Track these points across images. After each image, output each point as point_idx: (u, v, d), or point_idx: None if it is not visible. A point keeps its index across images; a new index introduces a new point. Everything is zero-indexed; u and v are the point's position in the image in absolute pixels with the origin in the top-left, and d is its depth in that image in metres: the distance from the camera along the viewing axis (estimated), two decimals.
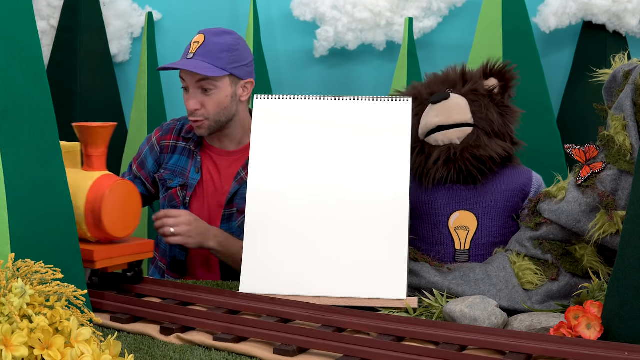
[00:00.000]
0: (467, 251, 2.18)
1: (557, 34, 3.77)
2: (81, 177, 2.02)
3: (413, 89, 2.32)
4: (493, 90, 2.25)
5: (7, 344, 1.35)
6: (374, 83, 3.91)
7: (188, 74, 2.53)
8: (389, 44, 3.86)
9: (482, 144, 2.17)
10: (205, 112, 2.54)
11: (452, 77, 2.29)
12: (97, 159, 2.04)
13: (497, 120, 2.21)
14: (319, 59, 3.93)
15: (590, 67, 2.39)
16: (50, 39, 3.88)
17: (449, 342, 1.69)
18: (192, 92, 2.54)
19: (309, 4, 3.82)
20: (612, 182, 1.96)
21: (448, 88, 2.25)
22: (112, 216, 1.99)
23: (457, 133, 2.18)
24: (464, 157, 2.16)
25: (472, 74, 2.28)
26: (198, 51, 2.51)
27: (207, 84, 2.52)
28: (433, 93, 2.25)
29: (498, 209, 2.19)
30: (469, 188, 2.19)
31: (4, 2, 1.65)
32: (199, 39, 2.54)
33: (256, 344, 1.72)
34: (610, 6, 3.52)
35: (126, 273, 2.08)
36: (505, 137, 2.23)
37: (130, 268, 2.08)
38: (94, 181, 2.00)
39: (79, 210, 1.98)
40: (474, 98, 2.22)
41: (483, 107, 2.20)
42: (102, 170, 2.04)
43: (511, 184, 2.21)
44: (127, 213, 2.04)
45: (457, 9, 3.83)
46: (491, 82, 2.26)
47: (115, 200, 2.00)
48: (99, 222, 1.98)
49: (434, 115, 2.20)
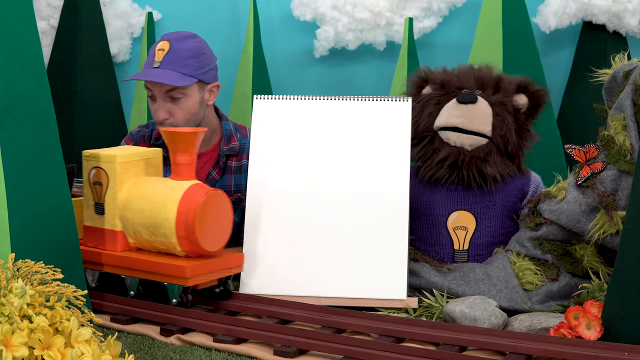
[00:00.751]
0: (466, 251, 2.18)
1: (557, 34, 3.77)
2: (170, 187, 1.90)
3: (444, 75, 2.27)
4: (520, 109, 2.21)
5: (7, 344, 1.35)
6: (374, 83, 3.91)
7: (156, 84, 2.46)
8: (389, 44, 3.86)
9: (491, 160, 2.15)
10: (174, 121, 2.48)
11: (486, 78, 2.23)
12: (186, 167, 1.91)
13: (514, 141, 2.17)
14: (319, 59, 3.94)
15: (590, 67, 2.39)
16: (50, 39, 3.88)
17: (449, 343, 1.69)
18: (160, 101, 2.47)
19: (309, 4, 3.82)
20: (612, 182, 1.96)
21: (478, 89, 2.21)
22: (206, 229, 1.87)
23: (471, 140, 2.15)
24: (470, 168, 2.14)
25: (506, 84, 2.22)
26: (165, 59, 2.44)
27: (176, 93, 2.46)
28: (462, 87, 2.21)
29: (496, 209, 2.19)
30: (467, 188, 2.19)
31: (4, 2, 1.65)
32: (164, 46, 2.46)
33: (256, 345, 1.72)
34: (610, 6, 3.52)
35: (214, 289, 1.94)
36: (515, 159, 2.20)
37: (219, 283, 1.94)
38: (185, 191, 1.87)
39: (168, 222, 1.86)
40: (499, 112, 2.17)
41: (505, 124, 2.16)
42: (191, 179, 1.91)
43: (510, 184, 2.20)
44: (220, 225, 1.92)
45: (457, 9, 3.83)
46: (522, 99, 2.21)
47: (209, 212, 1.88)
48: (191, 236, 1.85)
49: (456, 115, 2.16)
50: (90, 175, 1.97)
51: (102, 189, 1.95)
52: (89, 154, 1.97)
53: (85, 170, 1.97)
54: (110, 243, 1.96)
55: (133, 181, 1.95)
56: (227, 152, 2.53)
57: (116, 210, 1.94)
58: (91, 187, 1.97)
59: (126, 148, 2.03)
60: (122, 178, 1.93)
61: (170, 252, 1.90)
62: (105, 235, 1.96)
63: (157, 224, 1.88)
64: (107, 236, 1.96)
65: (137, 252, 1.95)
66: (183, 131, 1.90)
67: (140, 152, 1.98)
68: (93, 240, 1.99)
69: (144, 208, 1.90)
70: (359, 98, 2.14)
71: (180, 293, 1.86)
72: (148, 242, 1.92)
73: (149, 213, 1.89)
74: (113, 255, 1.94)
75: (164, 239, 1.88)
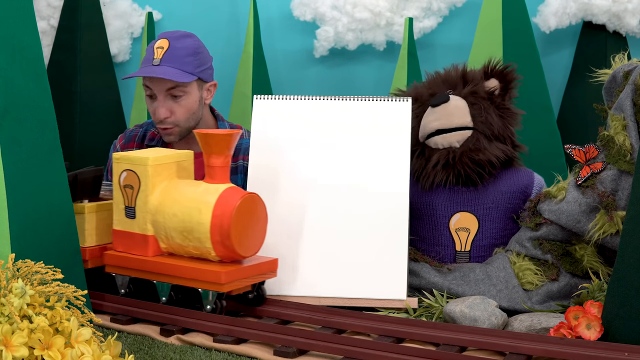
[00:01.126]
0: (468, 252, 2.18)
1: (557, 34, 3.77)
2: (204, 191, 1.85)
3: (414, 90, 2.31)
4: (494, 92, 2.24)
5: (7, 344, 1.35)
6: (374, 83, 3.91)
7: (156, 82, 2.47)
8: (389, 44, 3.86)
9: (482, 147, 2.16)
10: (174, 119, 2.50)
11: (452, 77, 2.27)
12: (220, 169, 1.86)
13: (497, 123, 2.20)
14: (319, 59, 3.93)
15: (590, 67, 2.39)
16: (50, 39, 3.88)
17: (448, 344, 1.69)
18: (161, 99, 2.48)
19: (309, 4, 3.81)
20: (612, 182, 1.96)
21: (448, 89, 2.25)
22: (241, 233, 1.83)
23: (456, 136, 2.18)
24: (463, 162, 2.15)
25: (473, 74, 2.26)
26: (164, 57, 2.46)
27: (178, 90, 2.48)
28: (434, 94, 2.24)
29: (499, 210, 2.19)
30: (469, 190, 2.19)
31: (4, 2, 1.65)
32: (163, 44, 2.48)
33: (256, 345, 1.72)
34: (610, 6, 3.52)
35: (247, 294, 1.90)
36: (506, 140, 2.21)
37: (253, 288, 1.90)
38: (220, 195, 1.83)
39: (203, 227, 1.82)
40: (474, 100, 2.20)
41: (483, 110, 2.19)
42: (225, 182, 1.87)
43: (512, 185, 2.21)
44: (255, 229, 1.87)
45: (457, 9, 3.83)
46: (492, 83, 2.25)
47: (244, 216, 1.83)
48: (226, 241, 1.81)
49: (434, 119, 2.19)
50: (121, 178, 1.92)
51: (133, 192, 1.91)
52: (120, 156, 1.92)
53: (115, 173, 1.93)
54: (141, 248, 1.90)
55: (165, 184, 1.90)
56: None
57: (148, 214, 1.89)
58: (122, 190, 1.92)
59: (158, 150, 1.99)
60: (154, 181, 1.89)
61: (203, 257, 1.85)
62: (136, 240, 1.91)
63: (191, 228, 1.83)
64: (138, 240, 1.91)
65: (169, 257, 1.90)
66: (217, 133, 1.84)
67: (172, 155, 1.94)
68: (123, 245, 1.94)
69: (177, 212, 1.85)
70: (359, 98, 2.14)
71: (215, 299, 1.82)
72: (181, 247, 1.87)
73: (183, 217, 1.84)
74: (144, 260, 1.89)
75: (197, 243, 1.84)
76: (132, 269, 1.92)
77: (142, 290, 1.93)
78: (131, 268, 1.92)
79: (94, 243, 1.99)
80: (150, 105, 2.53)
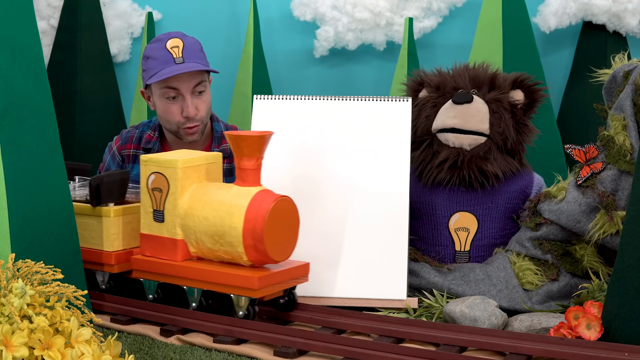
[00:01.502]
0: (467, 252, 2.18)
1: (557, 34, 3.77)
2: (236, 194, 1.80)
3: (439, 77, 2.27)
4: (517, 105, 2.20)
5: (7, 345, 1.35)
6: (374, 83, 3.91)
7: (183, 80, 2.47)
8: (389, 44, 3.86)
9: (492, 158, 2.15)
10: (200, 116, 2.52)
11: (481, 77, 2.23)
12: (252, 172, 1.81)
13: (513, 137, 2.17)
14: (319, 59, 3.93)
15: (590, 67, 2.39)
16: (50, 39, 3.88)
17: (448, 344, 1.69)
18: (189, 97, 2.49)
19: (309, 4, 3.81)
20: (612, 182, 1.96)
21: (473, 88, 2.21)
22: (274, 237, 1.78)
23: (470, 139, 2.15)
24: (470, 167, 2.14)
25: (501, 80, 2.22)
26: (184, 54, 2.48)
27: (201, 86, 2.50)
28: (458, 87, 2.22)
29: (499, 210, 2.19)
30: (469, 190, 2.18)
31: (4, 2, 1.65)
32: (178, 42, 2.49)
33: (256, 345, 1.72)
34: (610, 6, 3.52)
35: (279, 299, 1.87)
36: (516, 155, 2.20)
37: (284, 294, 1.87)
38: (252, 198, 1.78)
39: (235, 231, 1.77)
40: (496, 109, 2.17)
41: (502, 121, 2.16)
42: (257, 185, 1.82)
43: (512, 185, 2.20)
44: (287, 233, 1.83)
45: (457, 9, 3.83)
46: (518, 95, 2.22)
47: (277, 220, 1.79)
48: (259, 245, 1.76)
49: (453, 115, 2.16)
50: (149, 180, 1.88)
51: (162, 195, 1.86)
52: (148, 158, 1.88)
53: (142, 176, 1.89)
54: (170, 252, 1.86)
55: (194, 187, 1.86)
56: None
57: (177, 218, 1.85)
58: (150, 194, 1.88)
59: (186, 152, 1.95)
60: (183, 184, 1.84)
61: (234, 261, 1.81)
62: (164, 244, 1.87)
63: (223, 232, 1.79)
64: (166, 245, 1.86)
65: (199, 261, 1.86)
66: (249, 134, 1.79)
67: (201, 157, 1.89)
68: (151, 249, 1.90)
69: (207, 216, 1.81)
70: (359, 98, 2.14)
71: (248, 305, 1.79)
72: (211, 251, 1.83)
73: (214, 221, 1.80)
74: (173, 265, 1.85)
75: (229, 248, 1.79)
76: (161, 274, 1.87)
77: (171, 296, 1.89)
78: (160, 273, 1.87)
79: (120, 247, 1.97)
80: (173, 106, 2.51)
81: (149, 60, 2.52)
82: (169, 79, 2.47)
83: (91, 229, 1.97)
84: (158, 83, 2.49)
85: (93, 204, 1.96)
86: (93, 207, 1.96)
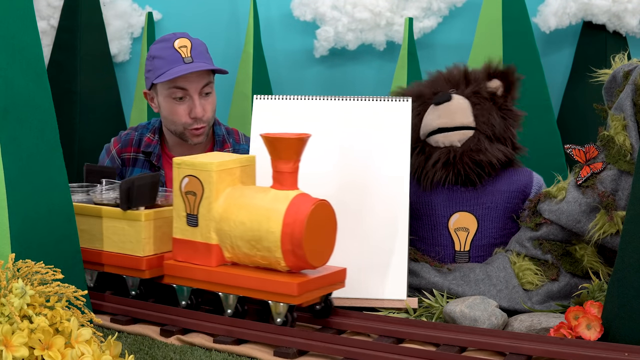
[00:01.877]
0: (467, 252, 2.18)
1: (557, 34, 3.77)
2: (273, 198, 1.76)
3: (416, 88, 2.31)
4: (496, 93, 2.24)
5: (7, 345, 1.35)
6: (374, 83, 3.91)
7: (192, 81, 2.46)
8: (389, 44, 3.86)
9: (483, 148, 2.16)
10: (207, 117, 2.51)
11: (455, 76, 2.28)
12: (289, 175, 1.77)
13: (499, 124, 2.20)
14: (319, 59, 3.93)
15: (590, 67, 2.39)
16: (50, 39, 3.88)
17: (449, 344, 1.69)
18: (196, 98, 2.48)
19: (309, 4, 3.81)
20: (612, 182, 1.96)
21: (451, 88, 2.25)
22: (313, 242, 1.73)
23: (458, 135, 2.18)
24: (463, 161, 2.15)
25: (475, 74, 2.27)
26: (193, 54, 2.47)
27: (208, 87, 2.50)
28: (436, 92, 2.25)
29: (498, 210, 2.19)
30: (468, 190, 2.19)
31: (4, 2, 1.65)
32: (186, 42, 2.48)
33: (256, 346, 1.72)
34: (610, 6, 3.52)
35: (315, 306, 1.82)
36: (507, 142, 2.22)
37: (320, 299, 1.82)
38: (290, 202, 1.74)
39: (273, 236, 1.73)
40: (477, 100, 2.21)
41: (485, 111, 2.19)
42: (294, 189, 1.78)
43: (511, 185, 2.21)
44: (326, 238, 1.78)
45: (457, 9, 3.83)
46: (494, 84, 2.25)
47: (316, 224, 1.74)
48: (298, 250, 1.72)
49: (436, 117, 2.20)
50: (182, 184, 1.83)
51: (196, 199, 1.82)
52: (181, 161, 1.83)
53: (175, 179, 1.84)
54: (204, 257, 1.81)
55: (229, 190, 1.82)
56: None
57: (212, 222, 1.80)
58: (183, 197, 1.83)
59: (219, 155, 1.91)
60: (218, 187, 1.80)
61: (271, 267, 1.77)
62: (198, 249, 1.82)
63: (260, 237, 1.74)
64: (200, 250, 1.82)
65: (235, 267, 1.81)
66: (287, 137, 1.75)
67: (236, 160, 1.85)
68: (184, 254, 1.84)
69: (244, 220, 1.76)
70: (359, 98, 2.14)
71: (286, 312, 1.74)
72: (247, 257, 1.79)
73: (250, 225, 1.76)
74: (208, 270, 1.80)
75: (266, 253, 1.75)
76: (195, 280, 1.83)
77: (205, 302, 1.87)
78: (194, 279, 1.83)
79: (151, 252, 1.93)
80: (179, 106, 2.49)
81: (155, 60, 2.49)
82: (177, 79, 2.45)
83: (121, 234, 1.94)
84: (165, 83, 2.47)
85: (124, 207, 1.92)
86: (123, 210, 1.93)
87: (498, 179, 2.21)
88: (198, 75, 2.47)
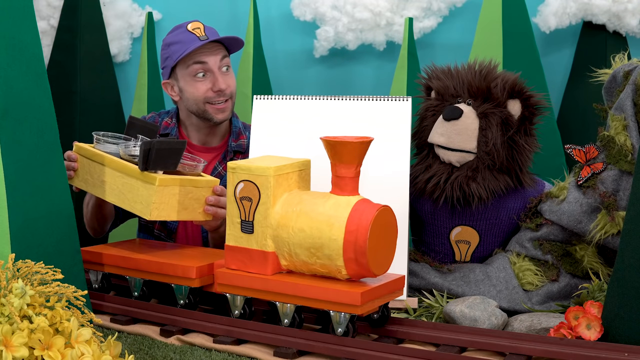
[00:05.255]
0: (467, 263, 2.15)
1: (557, 34, 3.77)
2: (334, 204, 1.70)
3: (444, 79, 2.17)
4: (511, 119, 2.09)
5: (7, 345, 1.35)
6: (374, 83, 3.91)
7: (210, 54, 2.48)
8: (389, 44, 3.85)
9: (479, 177, 2.08)
10: (230, 91, 2.52)
11: (477, 84, 2.12)
12: (350, 180, 1.71)
13: (502, 155, 2.08)
14: (319, 59, 3.93)
15: (590, 67, 2.39)
16: (50, 39, 3.88)
17: (449, 344, 1.69)
18: (217, 71, 2.50)
19: (309, 4, 3.81)
20: (613, 182, 1.96)
21: (470, 97, 2.13)
22: (375, 250, 1.68)
23: (457, 156, 2.10)
24: (453, 187, 2.08)
25: (498, 92, 2.10)
26: (207, 32, 2.49)
27: (227, 61, 2.53)
28: (456, 95, 2.14)
29: (502, 226, 2.15)
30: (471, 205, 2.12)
31: (4, 2, 1.65)
32: (199, 25, 2.52)
33: (256, 346, 1.72)
34: (610, 6, 3.52)
35: (373, 315, 1.78)
36: (511, 172, 2.11)
37: (378, 308, 1.78)
38: (352, 208, 1.69)
39: (335, 243, 1.67)
40: (485, 125, 2.08)
41: (490, 138, 2.07)
42: (355, 194, 1.72)
43: (518, 202, 2.15)
44: (388, 245, 1.73)
45: (457, 9, 3.83)
46: (515, 107, 2.10)
47: (379, 231, 1.68)
48: (361, 258, 1.66)
49: (441, 132, 2.11)
50: (237, 189, 1.77)
51: (252, 205, 1.76)
52: (236, 165, 1.77)
53: (230, 184, 1.78)
54: (260, 265, 1.76)
55: (286, 196, 1.76)
56: (235, 149, 2.55)
57: (268, 229, 1.75)
58: (238, 203, 1.77)
59: (274, 159, 1.84)
60: (275, 193, 1.74)
61: (331, 275, 1.72)
62: (253, 257, 1.76)
63: (321, 244, 1.69)
64: (255, 257, 1.76)
65: (292, 275, 1.76)
66: (349, 140, 1.69)
67: (293, 164, 1.79)
68: (237, 262, 1.79)
69: (304, 227, 1.71)
70: (359, 98, 2.14)
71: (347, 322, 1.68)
72: (305, 265, 1.73)
73: (310, 232, 1.70)
74: (264, 279, 1.74)
75: (327, 261, 1.69)
76: (249, 289, 1.77)
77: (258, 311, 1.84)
78: (248, 287, 1.77)
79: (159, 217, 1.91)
80: (202, 83, 2.50)
81: (171, 46, 2.53)
82: (196, 53, 2.47)
83: (135, 193, 1.93)
84: (185, 62, 2.49)
85: (141, 167, 1.91)
86: (140, 171, 1.91)
87: (506, 195, 2.13)
88: (216, 49, 2.50)
